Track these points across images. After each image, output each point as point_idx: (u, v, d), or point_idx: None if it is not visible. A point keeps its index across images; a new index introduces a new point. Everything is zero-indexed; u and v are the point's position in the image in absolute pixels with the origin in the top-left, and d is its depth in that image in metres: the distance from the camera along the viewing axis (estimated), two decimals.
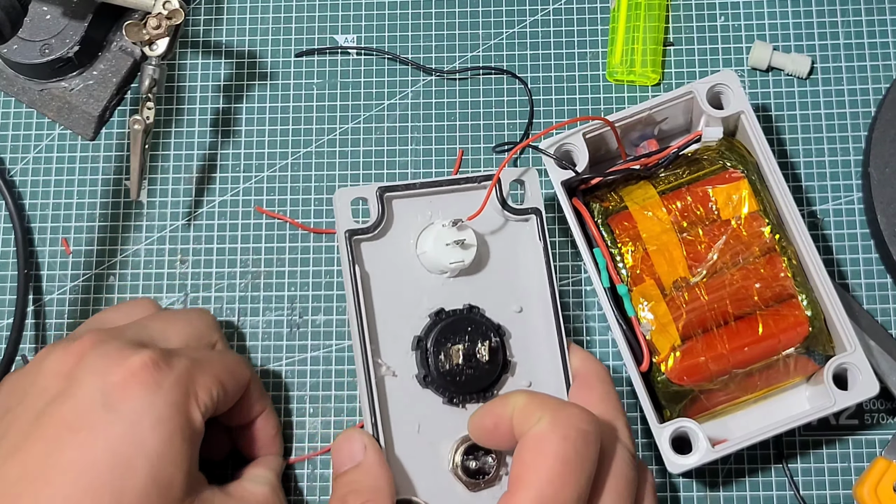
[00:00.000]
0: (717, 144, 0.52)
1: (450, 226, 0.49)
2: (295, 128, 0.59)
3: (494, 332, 0.49)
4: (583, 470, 0.41)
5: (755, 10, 0.59)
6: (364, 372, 0.47)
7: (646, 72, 0.58)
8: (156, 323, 0.50)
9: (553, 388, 0.49)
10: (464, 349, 0.48)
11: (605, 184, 0.53)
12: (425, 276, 0.50)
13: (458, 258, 0.49)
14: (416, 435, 0.48)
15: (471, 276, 0.50)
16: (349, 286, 0.48)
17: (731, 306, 0.50)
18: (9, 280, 0.58)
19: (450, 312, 0.49)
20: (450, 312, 0.49)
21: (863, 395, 0.49)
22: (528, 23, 0.60)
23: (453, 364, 0.48)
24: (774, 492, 0.53)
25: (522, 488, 0.41)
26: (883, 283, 0.56)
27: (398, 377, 0.49)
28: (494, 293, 0.50)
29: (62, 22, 0.58)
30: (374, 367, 0.48)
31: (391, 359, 0.49)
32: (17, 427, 0.44)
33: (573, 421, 0.42)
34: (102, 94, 0.59)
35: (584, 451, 0.42)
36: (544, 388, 0.49)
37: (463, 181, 0.50)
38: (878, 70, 0.58)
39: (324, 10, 0.61)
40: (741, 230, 0.51)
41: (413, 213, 0.50)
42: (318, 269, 0.57)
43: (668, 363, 0.49)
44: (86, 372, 0.45)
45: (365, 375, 0.47)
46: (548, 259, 0.50)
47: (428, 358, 0.48)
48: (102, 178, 0.59)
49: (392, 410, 0.48)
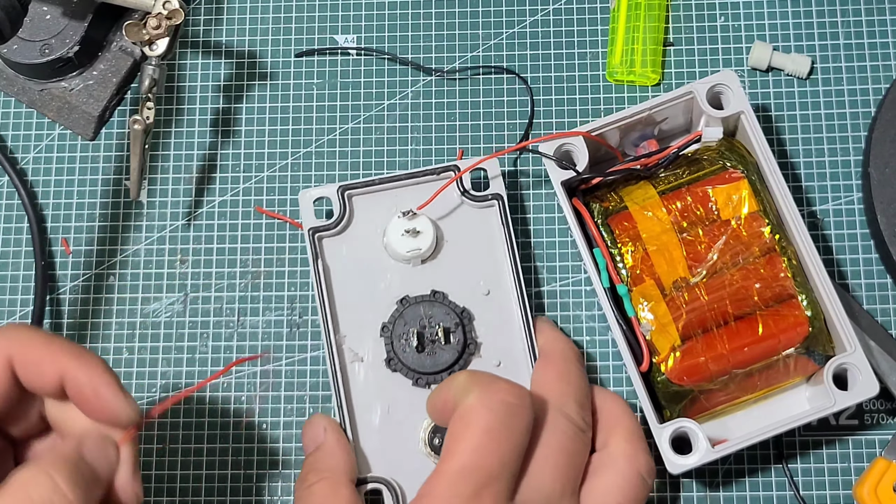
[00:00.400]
0: (717, 144, 0.52)
1: (402, 216, 0.53)
2: (295, 128, 0.59)
3: (457, 315, 0.52)
4: (507, 439, 0.44)
5: (755, 10, 0.59)
6: (329, 358, 0.52)
7: (646, 72, 0.58)
8: None
9: (521, 366, 0.52)
10: (425, 333, 0.52)
11: (605, 184, 0.53)
12: (393, 266, 0.54)
13: (414, 246, 0.52)
14: (387, 416, 0.52)
15: (438, 262, 0.54)
16: (313, 279, 0.52)
17: (731, 306, 0.50)
18: (22, 269, 0.58)
19: (413, 299, 0.53)
20: (413, 299, 0.53)
21: (863, 395, 0.49)
22: (528, 23, 0.60)
23: (415, 347, 0.52)
24: (774, 492, 0.53)
25: (448, 458, 0.44)
26: (883, 283, 0.56)
27: (369, 362, 0.53)
28: (461, 278, 0.53)
29: (62, 22, 0.58)
30: (338, 353, 0.52)
31: (362, 345, 0.53)
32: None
33: (500, 395, 0.44)
34: (102, 94, 0.59)
35: (509, 422, 0.44)
36: (512, 367, 0.52)
37: (422, 174, 0.54)
38: (878, 70, 0.58)
39: (324, 10, 0.61)
40: (741, 230, 0.51)
41: (378, 207, 0.54)
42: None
43: (667, 363, 0.49)
44: None
45: (330, 361, 0.52)
46: (510, 241, 0.53)
47: (393, 343, 0.52)
48: (102, 178, 0.59)
49: (363, 394, 0.52)
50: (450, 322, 0.52)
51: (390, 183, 0.54)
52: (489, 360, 0.53)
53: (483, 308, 0.53)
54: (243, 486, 0.55)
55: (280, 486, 0.55)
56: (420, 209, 0.53)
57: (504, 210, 0.53)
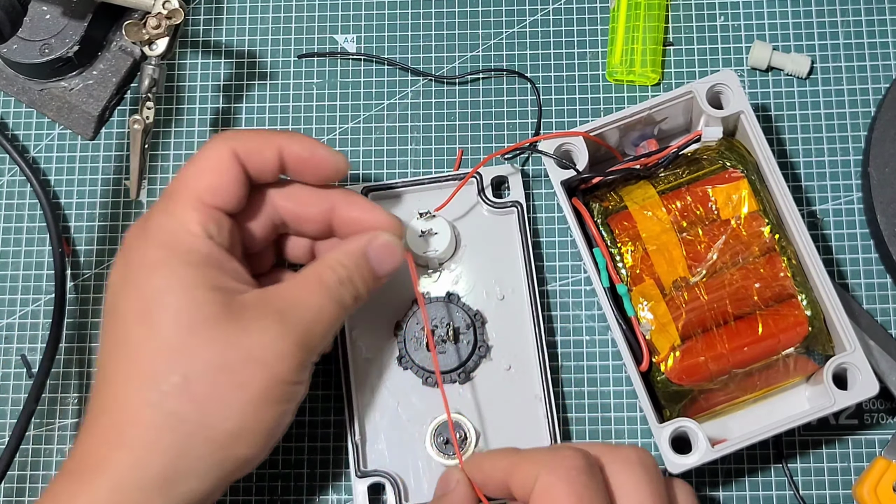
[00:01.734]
0: (716, 144, 0.52)
1: (419, 217, 0.54)
2: (295, 128, 0.59)
3: (469, 317, 0.53)
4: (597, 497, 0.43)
5: (755, 10, 0.59)
6: (342, 355, 0.53)
7: (646, 72, 0.58)
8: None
9: (532, 370, 0.53)
10: (435, 333, 0.53)
11: (604, 184, 0.53)
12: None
13: (430, 247, 0.53)
14: (396, 413, 0.53)
15: (454, 265, 0.55)
16: None
17: (730, 306, 0.50)
18: (38, 258, 0.58)
19: (428, 299, 0.54)
20: (428, 299, 0.54)
21: (862, 394, 0.49)
22: (528, 23, 0.60)
23: (425, 347, 0.53)
24: (774, 492, 0.53)
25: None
26: (883, 283, 0.56)
27: (381, 360, 0.54)
28: (477, 282, 0.54)
29: (62, 22, 0.58)
30: (351, 349, 0.53)
31: (376, 342, 0.54)
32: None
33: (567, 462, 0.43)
34: (102, 93, 0.59)
35: (590, 482, 0.43)
36: (522, 371, 0.53)
37: (445, 178, 0.55)
38: (878, 70, 0.58)
39: (324, 10, 0.61)
40: (741, 230, 0.51)
41: (399, 209, 0.55)
42: None
43: (667, 363, 0.49)
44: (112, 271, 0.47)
45: (342, 358, 0.53)
46: (527, 249, 0.54)
47: (406, 341, 0.53)
48: (102, 177, 0.59)
49: (373, 390, 0.53)
50: (461, 323, 0.53)
51: (412, 186, 0.55)
52: (500, 363, 0.53)
53: (497, 312, 0.54)
54: (242, 486, 0.55)
55: (280, 486, 0.55)
56: (437, 210, 0.54)
57: (523, 217, 0.54)
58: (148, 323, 0.44)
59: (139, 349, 0.44)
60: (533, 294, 0.53)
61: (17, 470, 0.55)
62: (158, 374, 0.43)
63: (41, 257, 0.58)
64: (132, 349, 0.44)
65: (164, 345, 0.43)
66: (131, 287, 0.45)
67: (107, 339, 0.45)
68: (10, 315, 0.58)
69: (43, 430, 0.56)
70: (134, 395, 0.43)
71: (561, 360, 0.55)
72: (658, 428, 0.49)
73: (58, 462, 0.55)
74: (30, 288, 0.58)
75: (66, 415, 0.56)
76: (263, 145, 0.47)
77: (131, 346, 0.44)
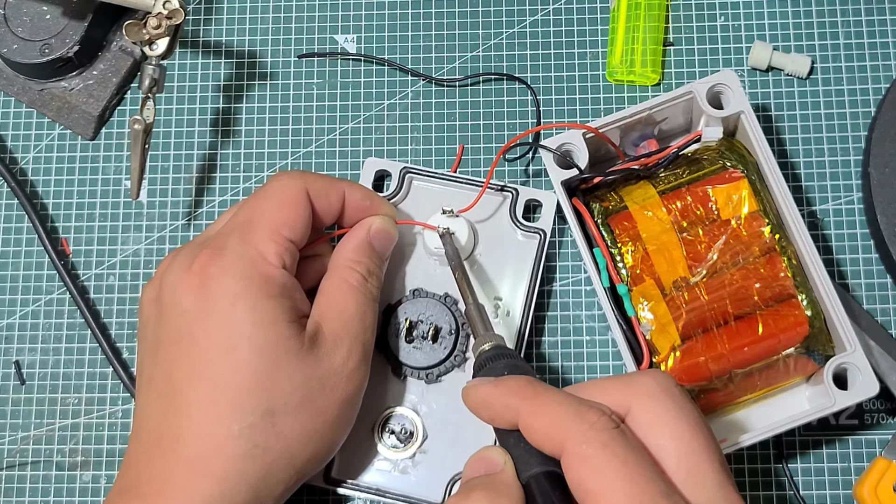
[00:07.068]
0: (717, 144, 0.52)
1: (443, 213, 0.53)
2: (295, 128, 0.59)
3: (457, 323, 0.53)
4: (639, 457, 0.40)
5: (755, 10, 0.59)
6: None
7: (646, 72, 0.58)
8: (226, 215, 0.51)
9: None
10: (416, 328, 0.53)
11: (605, 184, 0.53)
12: (421, 257, 0.55)
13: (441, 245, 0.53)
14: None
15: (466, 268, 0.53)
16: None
17: (730, 306, 0.50)
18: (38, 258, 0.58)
19: (426, 293, 0.53)
20: (426, 293, 0.53)
21: (863, 394, 0.49)
22: (528, 23, 0.60)
23: (403, 336, 0.53)
24: (774, 492, 0.53)
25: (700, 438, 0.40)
26: (883, 283, 0.56)
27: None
28: (480, 293, 0.52)
29: (62, 22, 0.58)
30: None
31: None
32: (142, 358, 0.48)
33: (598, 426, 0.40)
34: (102, 93, 0.59)
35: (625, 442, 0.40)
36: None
37: (480, 183, 0.55)
38: (878, 70, 0.58)
39: (324, 10, 0.61)
40: (741, 230, 0.51)
41: (430, 199, 0.55)
42: None
43: (667, 363, 0.49)
44: (165, 291, 0.47)
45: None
46: (534, 280, 0.54)
47: (387, 325, 0.53)
48: (102, 178, 0.59)
49: None
50: (444, 325, 0.53)
51: (449, 181, 0.55)
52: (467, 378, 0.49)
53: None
54: None
55: None
56: (461, 212, 0.54)
57: (543, 246, 0.54)
58: (233, 357, 0.45)
59: (224, 382, 0.45)
60: (525, 321, 0.53)
61: (17, 470, 0.55)
62: (245, 408, 0.45)
63: (41, 257, 0.58)
64: (216, 382, 0.45)
65: (250, 379, 0.45)
66: (212, 318, 0.46)
67: (180, 367, 0.46)
68: (10, 315, 0.58)
69: (43, 430, 0.56)
70: (218, 426, 0.45)
71: (561, 360, 0.55)
72: None
73: (58, 462, 0.55)
74: (30, 288, 0.58)
75: (66, 415, 0.56)
76: (330, 188, 0.50)
77: (216, 378, 0.45)
